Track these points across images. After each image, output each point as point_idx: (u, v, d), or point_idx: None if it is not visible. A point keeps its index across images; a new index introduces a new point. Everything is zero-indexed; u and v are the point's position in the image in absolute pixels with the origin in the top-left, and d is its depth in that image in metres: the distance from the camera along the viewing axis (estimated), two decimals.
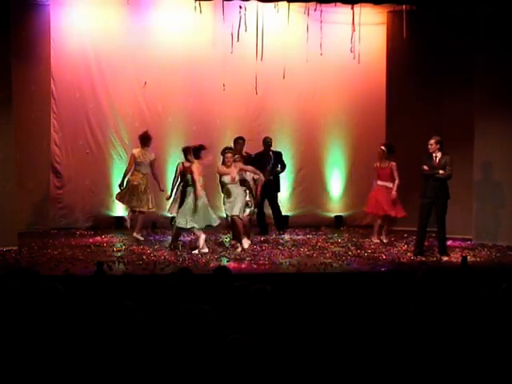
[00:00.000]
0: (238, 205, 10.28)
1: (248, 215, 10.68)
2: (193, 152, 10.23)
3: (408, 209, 11.23)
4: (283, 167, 12.10)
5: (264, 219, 12.03)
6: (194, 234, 10.31)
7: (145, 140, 11.08)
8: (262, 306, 5.16)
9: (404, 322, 5.06)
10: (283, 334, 4.85)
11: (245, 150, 11.36)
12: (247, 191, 10.59)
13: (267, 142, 11.97)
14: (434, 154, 10.17)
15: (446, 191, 10.18)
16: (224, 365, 4.09)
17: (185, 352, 4.40)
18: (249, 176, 10.64)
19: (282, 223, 12.30)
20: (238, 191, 10.35)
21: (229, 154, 10.31)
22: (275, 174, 11.98)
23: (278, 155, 12.05)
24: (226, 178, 10.32)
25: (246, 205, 10.59)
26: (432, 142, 10.17)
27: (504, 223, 11.23)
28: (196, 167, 10.12)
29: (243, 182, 10.55)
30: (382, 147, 11.33)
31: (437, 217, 10.23)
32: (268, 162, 11.81)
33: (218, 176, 10.54)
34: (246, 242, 10.45)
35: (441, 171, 10.09)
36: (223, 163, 10.44)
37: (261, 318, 5.06)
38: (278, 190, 12.22)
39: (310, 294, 6.20)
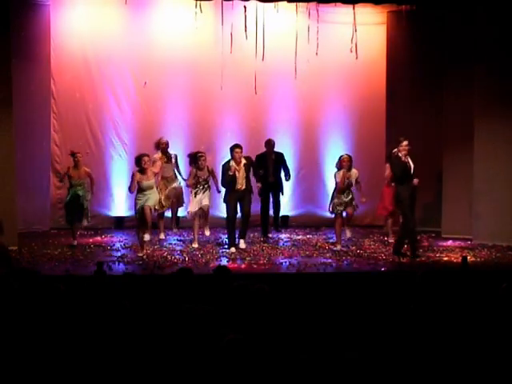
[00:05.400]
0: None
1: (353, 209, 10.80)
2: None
3: None
4: (287, 173, 11.91)
5: (268, 220, 11.96)
6: None
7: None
8: (262, 306, 5.17)
9: (404, 321, 5.06)
10: (283, 333, 4.85)
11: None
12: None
13: (270, 144, 11.81)
14: (404, 158, 10.01)
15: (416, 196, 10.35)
16: (223, 364, 4.09)
17: (184, 351, 4.40)
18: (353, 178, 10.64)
19: (280, 223, 12.22)
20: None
21: (146, 158, 10.13)
22: (279, 178, 11.85)
23: (280, 156, 11.89)
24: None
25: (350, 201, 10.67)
26: (407, 142, 10.04)
27: (504, 223, 11.20)
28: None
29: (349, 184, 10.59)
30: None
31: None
32: (270, 163, 11.69)
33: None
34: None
35: (416, 180, 10.08)
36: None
37: (260, 317, 5.06)
38: (281, 192, 12.12)
39: (310, 294, 6.21)
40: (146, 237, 10.13)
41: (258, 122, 12.92)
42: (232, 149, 10.56)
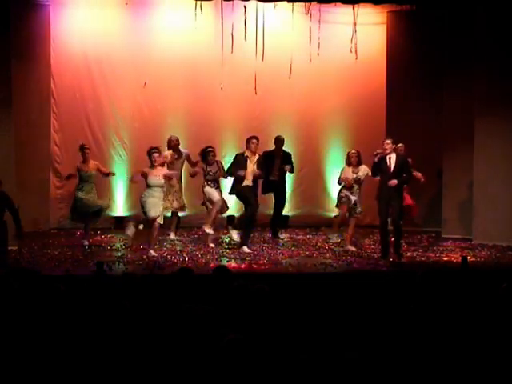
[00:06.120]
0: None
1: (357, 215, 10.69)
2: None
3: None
4: (291, 168, 11.64)
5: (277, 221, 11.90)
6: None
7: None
8: (262, 306, 5.17)
9: (404, 321, 5.06)
10: (283, 333, 4.85)
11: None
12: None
13: (280, 141, 11.55)
14: (387, 156, 9.66)
15: (400, 194, 9.90)
16: (223, 364, 4.09)
17: (184, 351, 4.40)
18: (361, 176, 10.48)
19: (278, 227, 11.93)
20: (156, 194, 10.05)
21: (156, 154, 10.02)
22: (283, 174, 11.56)
23: (287, 156, 11.63)
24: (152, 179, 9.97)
25: (355, 205, 10.54)
26: (389, 141, 9.70)
27: (504, 223, 11.21)
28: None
29: (358, 182, 10.48)
30: (402, 144, 11.16)
31: (392, 219, 9.91)
32: (277, 161, 11.48)
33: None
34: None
35: (391, 181, 9.62)
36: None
37: (260, 317, 5.06)
38: (285, 191, 11.92)
39: (310, 293, 6.21)
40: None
41: (258, 122, 12.89)
42: (249, 140, 10.57)
